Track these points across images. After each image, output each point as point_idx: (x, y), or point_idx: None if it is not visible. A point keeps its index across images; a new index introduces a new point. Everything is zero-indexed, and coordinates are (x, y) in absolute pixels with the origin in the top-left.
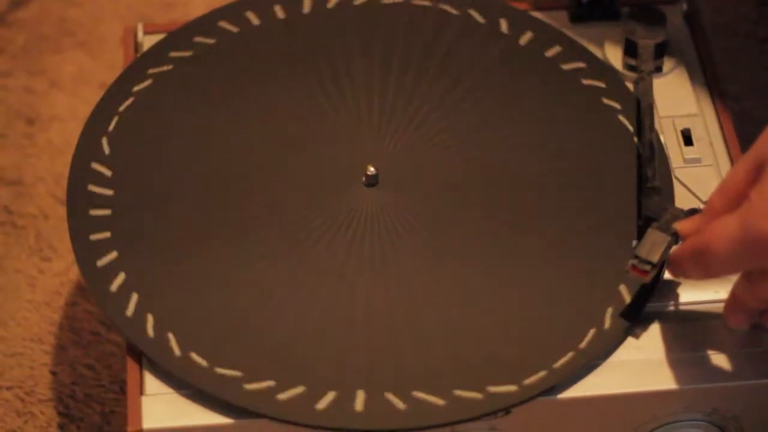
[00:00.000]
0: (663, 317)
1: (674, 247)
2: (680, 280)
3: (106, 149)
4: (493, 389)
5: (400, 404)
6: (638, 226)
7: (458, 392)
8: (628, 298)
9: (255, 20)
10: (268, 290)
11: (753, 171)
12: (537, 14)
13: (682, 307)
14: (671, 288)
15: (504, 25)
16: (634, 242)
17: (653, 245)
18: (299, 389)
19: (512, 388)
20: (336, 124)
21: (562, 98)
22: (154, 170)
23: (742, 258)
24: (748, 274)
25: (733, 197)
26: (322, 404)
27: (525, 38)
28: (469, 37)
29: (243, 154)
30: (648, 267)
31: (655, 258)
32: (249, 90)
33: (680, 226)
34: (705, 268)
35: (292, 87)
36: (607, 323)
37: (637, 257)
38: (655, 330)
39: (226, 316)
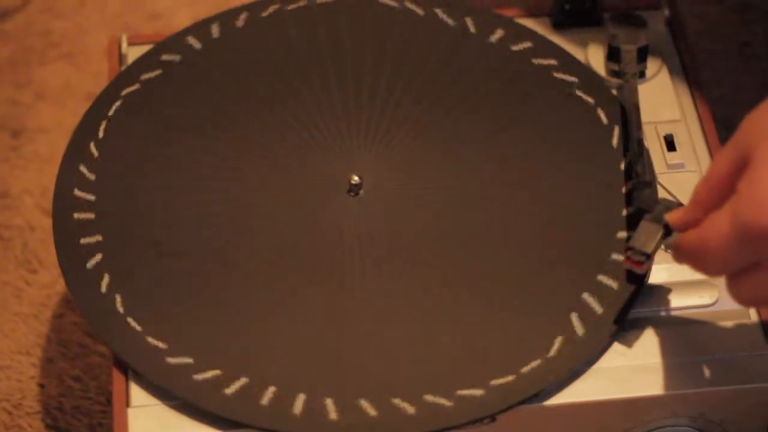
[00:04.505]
0: (649, 323)
1: (674, 242)
2: (667, 286)
3: (93, 160)
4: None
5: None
6: (627, 218)
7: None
8: (594, 305)
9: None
10: (255, 303)
11: (736, 161)
12: (522, 21)
13: (668, 313)
14: (657, 294)
15: (499, 35)
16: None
17: (647, 236)
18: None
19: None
20: (320, 133)
21: (553, 107)
22: (140, 179)
23: (741, 253)
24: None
25: (716, 187)
26: (296, 409)
27: (519, 47)
28: (462, 47)
29: (226, 165)
30: (643, 258)
31: (650, 249)
32: (233, 97)
33: (670, 217)
34: (708, 269)
35: (276, 96)
36: (579, 331)
37: (631, 248)
38: (641, 336)
39: (218, 326)
